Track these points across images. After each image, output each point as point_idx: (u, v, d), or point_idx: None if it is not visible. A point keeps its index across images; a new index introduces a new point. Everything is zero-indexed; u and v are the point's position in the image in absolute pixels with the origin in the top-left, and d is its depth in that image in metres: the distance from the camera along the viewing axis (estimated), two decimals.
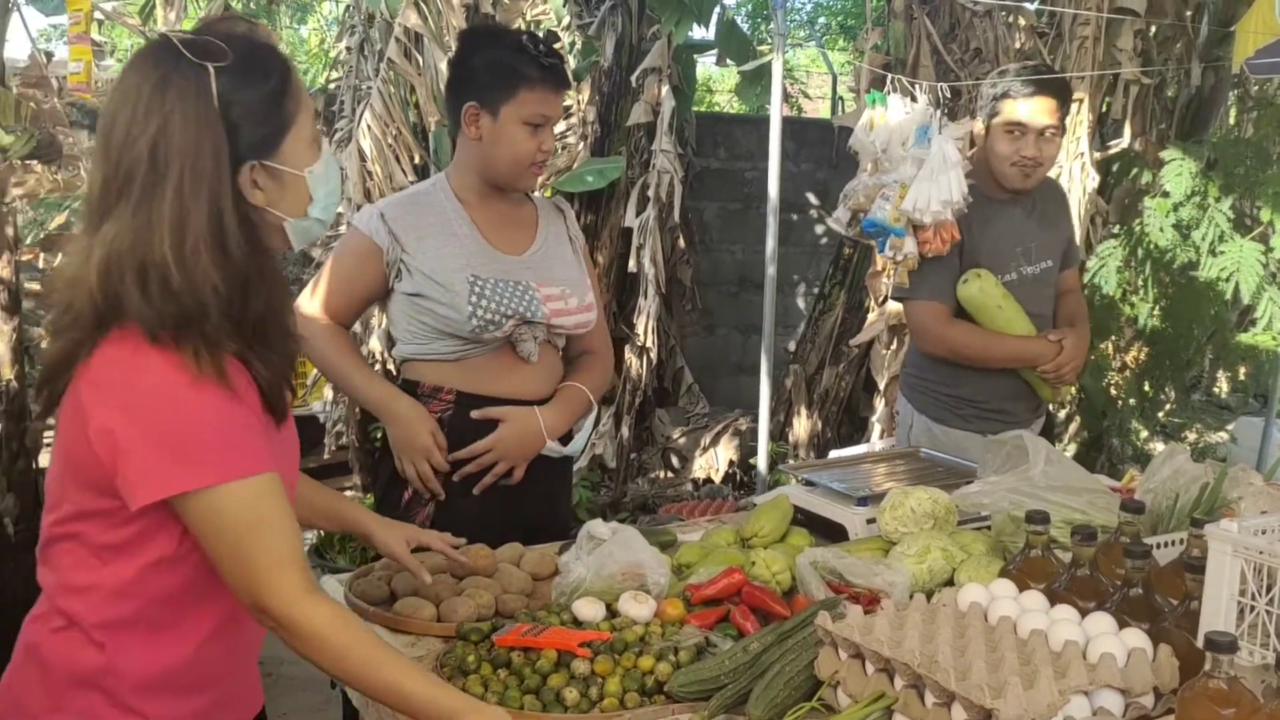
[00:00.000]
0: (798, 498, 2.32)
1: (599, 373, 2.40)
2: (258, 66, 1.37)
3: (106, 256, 1.30)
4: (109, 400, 1.30)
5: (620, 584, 1.84)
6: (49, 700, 1.40)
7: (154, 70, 1.33)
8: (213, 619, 1.44)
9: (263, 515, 1.34)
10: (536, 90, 2.16)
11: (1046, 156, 2.78)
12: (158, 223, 1.30)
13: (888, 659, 1.40)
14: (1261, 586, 1.30)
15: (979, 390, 2.89)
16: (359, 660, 1.36)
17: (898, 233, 2.72)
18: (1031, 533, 1.65)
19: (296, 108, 1.42)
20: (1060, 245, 2.95)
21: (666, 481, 6.19)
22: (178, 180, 1.30)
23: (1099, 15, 3.80)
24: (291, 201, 1.44)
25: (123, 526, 1.36)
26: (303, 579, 1.35)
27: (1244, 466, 1.96)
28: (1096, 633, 1.42)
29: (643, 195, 5.22)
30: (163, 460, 1.29)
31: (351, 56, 4.65)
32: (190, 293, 1.30)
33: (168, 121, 1.31)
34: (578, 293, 2.29)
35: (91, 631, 1.38)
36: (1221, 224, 4.13)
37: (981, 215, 2.83)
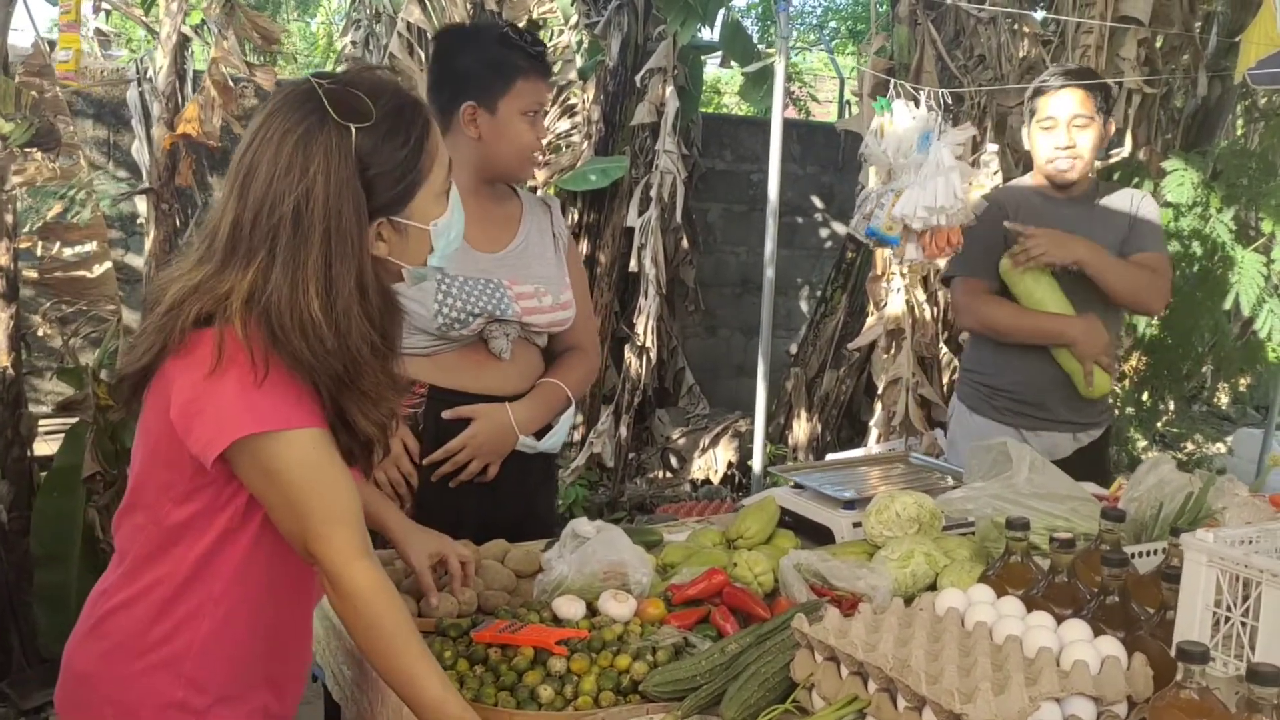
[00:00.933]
0: (786, 500, 2.32)
1: (580, 369, 2.38)
2: (399, 127, 1.41)
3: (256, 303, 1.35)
4: (193, 380, 1.36)
5: (602, 583, 1.84)
6: (116, 674, 1.46)
7: (299, 123, 1.37)
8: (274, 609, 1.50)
9: (321, 467, 1.39)
10: (530, 79, 2.20)
11: (1083, 145, 2.80)
12: (306, 284, 1.35)
13: (861, 662, 1.40)
14: (1237, 597, 1.29)
15: (1015, 379, 2.90)
16: (385, 636, 1.39)
17: (894, 241, 2.72)
18: (1011, 539, 1.65)
19: (430, 164, 1.46)
20: (1117, 242, 2.87)
21: (665, 482, 6.19)
22: (323, 243, 1.35)
23: (1102, 24, 3.79)
24: (414, 253, 1.49)
25: (187, 502, 1.42)
26: (356, 539, 1.40)
27: (1231, 477, 1.95)
28: (1071, 640, 1.42)
29: (645, 195, 5.23)
30: (227, 414, 1.34)
31: (356, 50, 4.66)
32: (344, 354, 1.37)
33: (313, 182, 1.35)
34: (553, 291, 2.28)
35: (162, 609, 1.44)
36: (1223, 235, 4.12)
37: (1030, 205, 2.87)
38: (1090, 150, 2.83)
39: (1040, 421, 2.90)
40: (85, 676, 1.49)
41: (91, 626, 1.50)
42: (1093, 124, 2.80)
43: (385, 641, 1.40)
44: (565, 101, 5.38)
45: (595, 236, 5.52)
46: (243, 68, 3.63)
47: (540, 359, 2.34)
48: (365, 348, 1.38)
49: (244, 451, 1.36)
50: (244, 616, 1.48)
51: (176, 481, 1.43)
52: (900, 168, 2.76)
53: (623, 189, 5.37)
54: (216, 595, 1.46)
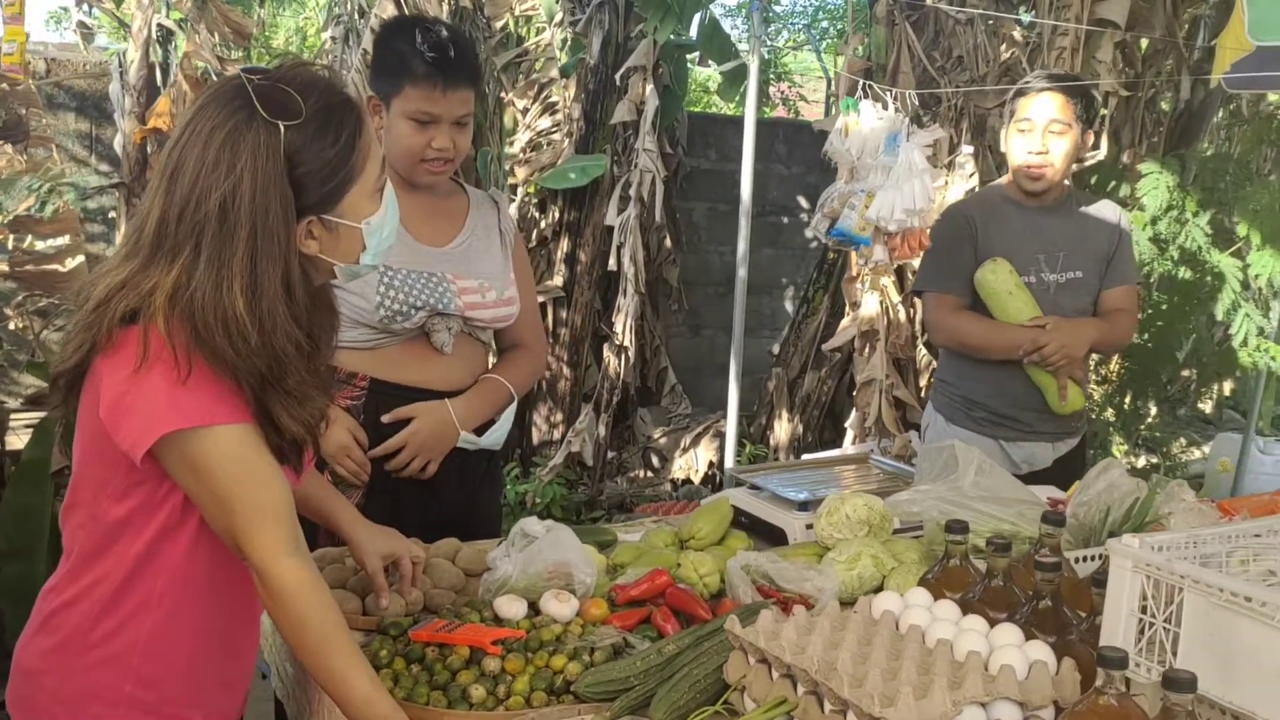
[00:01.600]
0: (743, 501, 2.32)
1: (525, 366, 2.38)
2: (329, 125, 1.40)
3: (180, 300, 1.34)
4: (120, 378, 1.35)
5: (546, 582, 1.83)
6: (63, 670, 1.46)
7: (228, 119, 1.36)
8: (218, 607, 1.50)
9: (248, 462, 1.38)
10: (420, 86, 2.10)
11: (1056, 152, 2.77)
12: (231, 281, 1.34)
13: (789, 665, 1.40)
14: (1160, 603, 1.29)
15: (989, 393, 2.89)
16: (313, 633, 1.39)
17: (864, 241, 2.72)
18: (951, 542, 1.65)
19: (363, 163, 1.45)
20: (1096, 259, 2.88)
21: (645, 481, 6.19)
22: (249, 241, 1.35)
23: (1078, 26, 3.78)
24: (346, 251, 1.48)
25: (124, 499, 1.42)
26: (284, 536, 1.40)
27: (1180, 482, 1.95)
28: (1001, 644, 1.42)
29: (625, 194, 5.22)
30: (154, 411, 1.34)
31: (336, 46, 4.65)
32: (268, 352, 1.36)
33: (240, 179, 1.34)
34: (497, 286, 2.26)
35: (108, 605, 1.44)
36: (1199, 239, 4.12)
37: (1000, 215, 2.85)
38: (1063, 158, 2.80)
39: (1019, 433, 2.89)
40: (34, 674, 1.50)
41: (39, 624, 1.50)
42: (1069, 131, 2.77)
43: (313, 639, 1.40)
44: (546, 99, 5.37)
45: (575, 235, 5.51)
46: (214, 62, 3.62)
47: (485, 355, 2.33)
48: (290, 347, 1.38)
49: (172, 448, 1.36)
50: (189, 613, 1.48)
51: (112, 479, 1.43)
52: (866, 168, 2.76)
53: (603, 187, 5.36)
54: (159, 592, 1.46)
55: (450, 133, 2.16)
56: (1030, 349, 2.73)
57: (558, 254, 5.57)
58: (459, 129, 2.18)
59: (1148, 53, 5.07)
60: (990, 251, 2.81)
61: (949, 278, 2.87)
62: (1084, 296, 2.88)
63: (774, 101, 10.21)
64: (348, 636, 1.43)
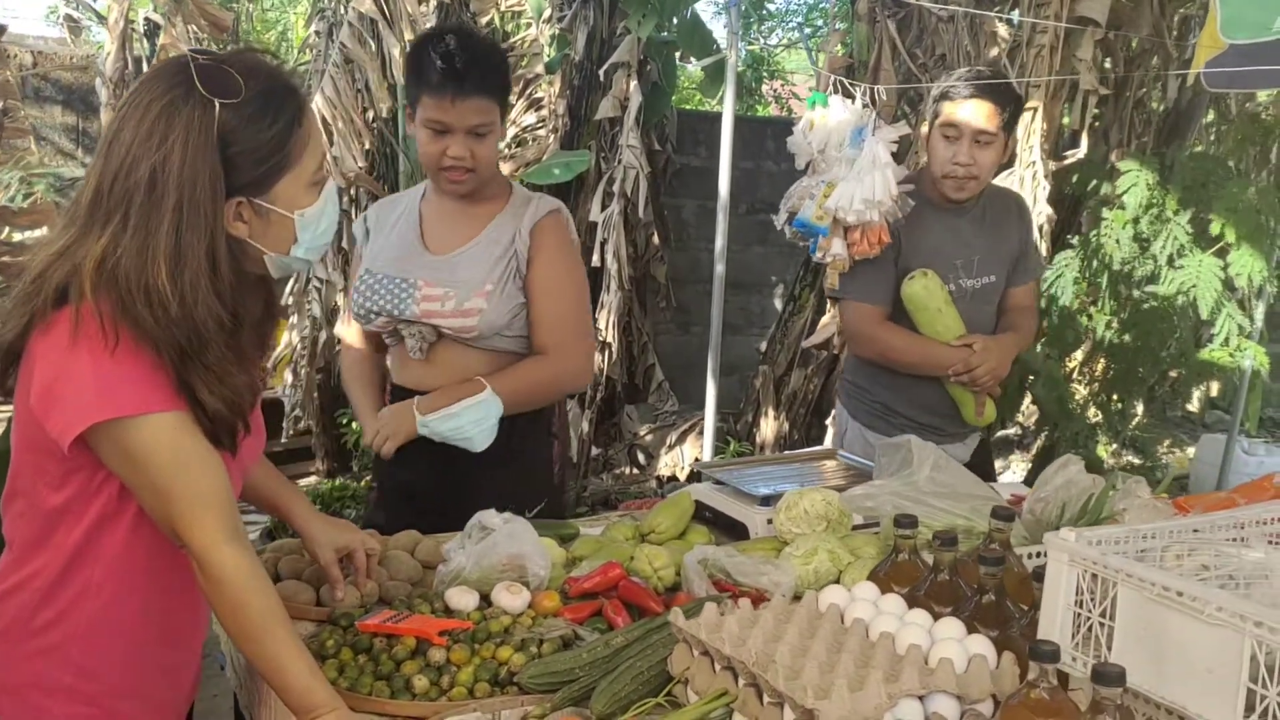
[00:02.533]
0: (706, 496, 2.32)
1: (525, 371, 2.30)
2: (268, 109, 1.41)
3: (105, 267, 1.34)
4: (52, 360, 1.35)
5: (500, 574, 1.83)
6: (4, 658, 1.46)
7: (166, 93, 1.37)
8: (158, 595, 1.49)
9: (182, 450, 1.38)
10: (434, 95, 2.14)
11: (982, 165, 2.68)
12: (154, 251, 1.34)
13: (729, 657, 1.40)
14: (1096, 597, 1.29)
15: (908, 402, 2.86)
16: (251, 621, 1.39)
17: (822, 231, 2.71)
18: (899, 536, 1.65)
19: (301, 151, 1.45)
20: (1007, 259, 2.87)
21: (631, 478, 6.19)
22: (175, 212, 1.35)
23: (1058, 24, 3.78)
24: (275, 239, 1.48)
25: (62, 487, 1.42)
26: (223, 522, 1.39)
27: (1138, 479, 1.94)
28: (942, 637, 1.42)
29: (608, 190, 5.22)
30: (84, 396, 1.34)
31: (320, 40, 4.65)
32: (187, 324, 1.35)
33: (171, 150, 1.35)
34: (460, 294, 2.24)
35: (47, 593, 1.44)
36: (1180, 238, 4.12)
37: (921, 221, 2.76)
38: (988, 171, 2.72)
39: (936, 437, 2.69)
40: None
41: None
42: (995, 141, 2.67)
43: (252, 626, 1.40)
44: (531, 95, 5.37)
45: None
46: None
47: (480, 361, 2.29)
48: (211, 322, 1.37)
49: (104, 437, 1.36)
50: (129, 602, 1.48)
51: (48, 466, 1.43)
52: (830, 160, 2.75)
53: (588, 183, 5.36)
54: (99, 580, 1.46)
55: (466, 142, 2.18)
56: (961, 370, 2.72)
57: None
58: (476, 139, 2.19)
59: (1135, 52, 5.07)
60: (913, 261, 2.75)
61: (871, 286, 2.79)
62: (994, 299, 2.88)
63: (766, 99, 10.20)
64: (287, 625, 1.42)
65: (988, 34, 4.18)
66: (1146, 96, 5.37)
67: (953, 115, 2.67)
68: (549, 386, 2.37)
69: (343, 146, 3.66)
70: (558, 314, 2.30)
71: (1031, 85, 3.92)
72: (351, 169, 3.76)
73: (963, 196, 2.74)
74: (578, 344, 2.35)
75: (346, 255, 5.19)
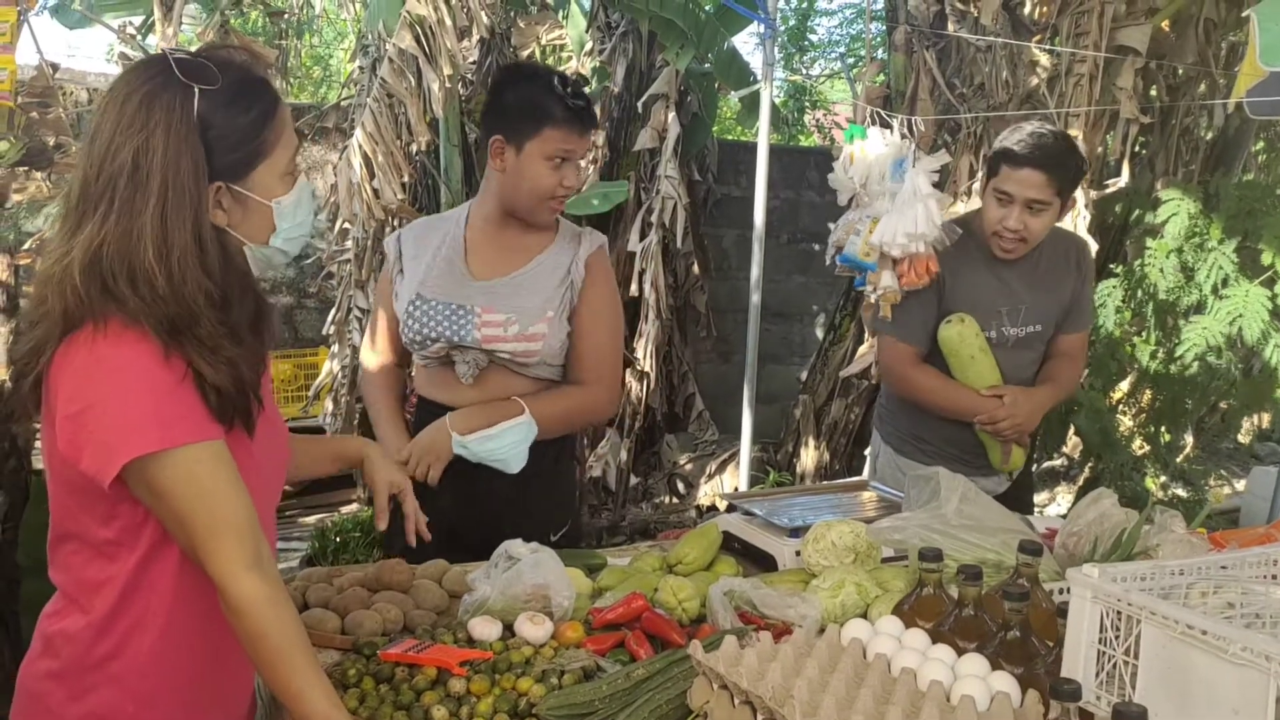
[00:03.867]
0: (735, 527, 2.31)
1: (561, 398, 2.35)
2: (243, 95, 1.44)
3: (92, 256, 1.36)
4: (70, 393, 1.37)
5: (524, 605, 1.84)
6: (66, 692, 1.47)
7: (144, 84, 1.40)
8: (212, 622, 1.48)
9: (204, 481, 1.39)
10: (560, 128, 2.23)
11: (1033, 230, 2.63)
12: (140, 233, 1.36)
13: (746, 691, 1.39)
14: (1120, 635, 1.27)
15: (939, 435, 2.84)
16: (271, 649, 1.40)
17: (870, 267, 2.71)
18: (924, 570, 1.63)
19: (275, 140, 1.48)
20: (1057, 309, 2.81)
21: (670, 507, 6.17)
22: (160, 194, 1.37)
23: (1097, 54, 3.75)
24: (253, 228, 1.49)
25: (111, 520, 1.43)
26: (244, 551, 1.40)
27: (1174, 513, 1.90)
28: (965, 674, 1.40)
29: (647, 220, 5.24)
30: (112, 434, 1.35)
31: (364, 76, 4.73)
32: (177, 299, 1.37)
33: (152, 133, 1.37)
34: (522, 321, 2.28)
35: (104, 625, 1.45)
36: (1226, 267, 4.05)
37: (967, 264, 2.74)
38: (1039, 235, 2.66)
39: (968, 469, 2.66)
40: (37, 696, 1.50)
41: (41, 647, 1.51)
42: (1049, 208, 2.62)
43: (272, 654, 1.40)
44: None
45: None
46: None
47: (525, 386, 2.34)
48: (200, 296, 1.39)
49: (132, 472, 1.37)
50: (185, 629, 1.49)
51: (93, 504, 1.44)
52: (873, 194, 2.74)
53: (626, 214, 5.39)
54: (155, 609, 1.47)
55: (577, 173, 2.31)
56: (985, 421, 2.70)
57: None
58: (579, 170, 2.33)
59: (1181, 80, 5.01)
60: (956, 304, 2.73)
61: (910, 326, 2.78)
62: (1038, 347, 2.82)
63: (810, 130, 10.21)
64: (308, 653, 1.43)
65: (1026, 64, 4.15)
66: (1193, 125, 5.30)
67: (1007, 181, 2.62)
68: (582, 415, 2.45)
69: (383, 179, 3.72)
70: (599, 346, 2.37)
71: (1071, 114, 3.89)
72: (391, 201, 3.82)
73: (1012, 258, 2.71)
74: (613, 378, 2.43)
75: None
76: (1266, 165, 5.81)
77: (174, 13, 3.62)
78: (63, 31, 9.11)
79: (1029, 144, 2.61)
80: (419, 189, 5.33)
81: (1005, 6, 4.19)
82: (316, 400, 5.20)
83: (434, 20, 3.67)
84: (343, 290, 5.07)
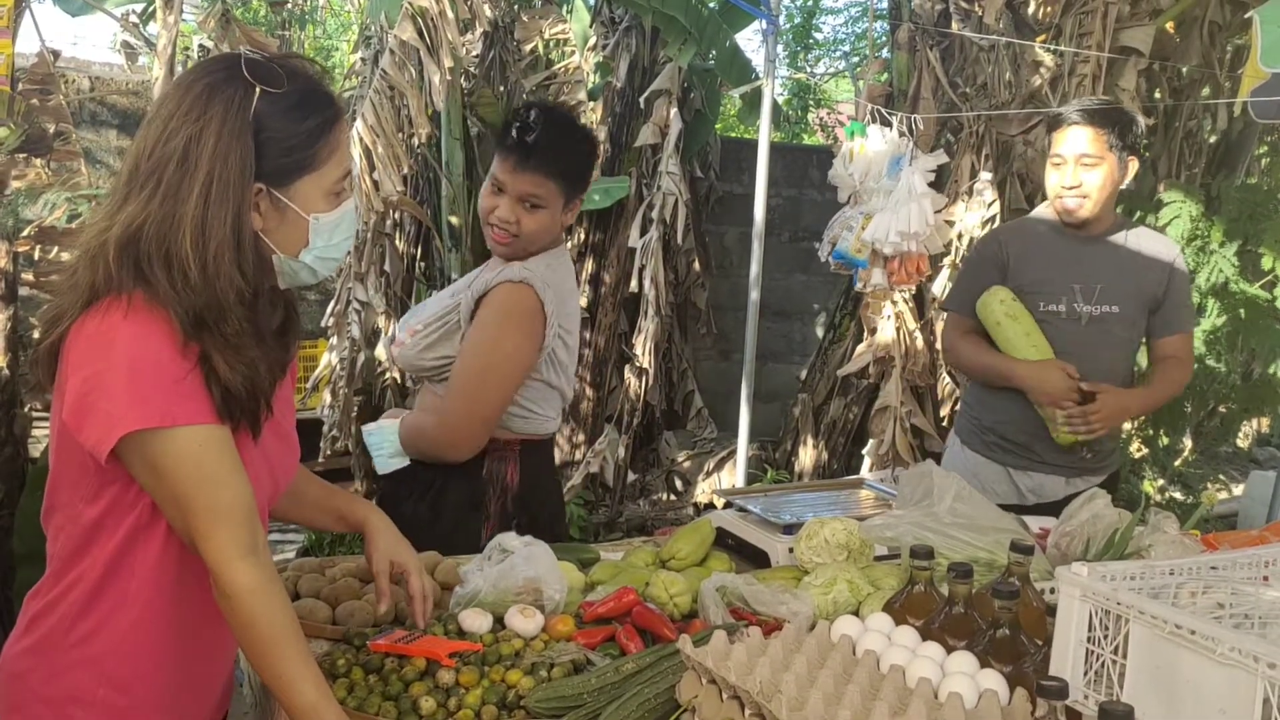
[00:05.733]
0: (728, 523, 2.31)
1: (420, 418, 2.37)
2: (305, 104, 1.45)
3: (130, 235, 1.37)
4: (79, 360, 1.37)
5: (515, 597, 1.83)
6: (45, 670, 1.48)
7: (209, 76, 1.42)
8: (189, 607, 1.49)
9: (206, 464, 1.39)
10: (501, 156, 2.28)
11: (1091, 185, 2.71)
12: (181, 220, 1.37)
13: (734, 685, 1.38)
14: (1108, 633, 1.26)
15: (1001, 419, 2.87)
16: (262, 637, 1.40)
17: (860, 264, 2.71)
18: (915, 568, 1.62)
19: (327, 156, 1.48)
20: (1141, 298, 2.81)
21: (668, 504, 6.17)
22: (204, 184, 1.38)
23: (1100, 54, 3.74)
24: (286, 238, 1.49)
25: (97, 499, 1.44)
26: (239, 537, 1.40)
27: (1167, 515, 1.90)
28: (953, 671, 1.39)
29: (647, 216, 5.24)
30: (116, 407, 1.35)
31: (365, 67, 4.73)
32: (208, 291, 1.38)
33: (207, 124, 1.38)
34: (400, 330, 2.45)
35: (85, 605, 1.46)
36: (1226, 270, 4.04)
37: (1038, 241, 2.82)
38: (1100, 189, 2.73)
39: (1028, 461, 2.85)
40: (17, 674, 1.51)
41: (24, 626, 1.52)
42: (1103, 163, 2.70)
43: (262, 642, 1.40)
44: None
45: (600, 256, 5.54)
46: None
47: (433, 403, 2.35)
48: (231, 293, 1.39)
49: (132, 447, 1.37)
50: (162, 615, 1.49)
51: (83, 480, 1.44)
52: (869, 191, 2.74)
53: (628, 210, 5.39)
54: (133, 592, 1.47)
55: (516, 208, 2.27)
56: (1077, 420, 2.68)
57: (583, 275, 5.60)
58: (526, 210, 2.27)
59: (1185, 82, 5.00)
60: (1020, 278, 2.80)
61: (965, 300, 2.89)
62: (1118, 331, 2.81)
63: (813, 128, 10.20)
64: (299, 642, 1.43)
65: (1029, 63, 4.14)
66: (1197, 127, 5.29)
67: (1057, 143, 2.75)
68: (425, 440, 2.33)
69: (382, 171, 3.72)
70: (453, 380, 2.29)
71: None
72: (391, 193, 3.82)
73: (1076, 219, 2.76)
74: (464, 412, 2.28)
75: (389, 278, 5.25)
76: (1269, 169, 5.80)
77: (175, 1, 3.63)
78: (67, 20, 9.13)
79: (1074, 108, 2.76)
80: (420, 181, 5.33)
81: (1009, 6, 4.18)
82: (315, 391, 5.20)
83: (435, 12, 3.67)
84: (342, 283, 5.07)
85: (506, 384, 2.27)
